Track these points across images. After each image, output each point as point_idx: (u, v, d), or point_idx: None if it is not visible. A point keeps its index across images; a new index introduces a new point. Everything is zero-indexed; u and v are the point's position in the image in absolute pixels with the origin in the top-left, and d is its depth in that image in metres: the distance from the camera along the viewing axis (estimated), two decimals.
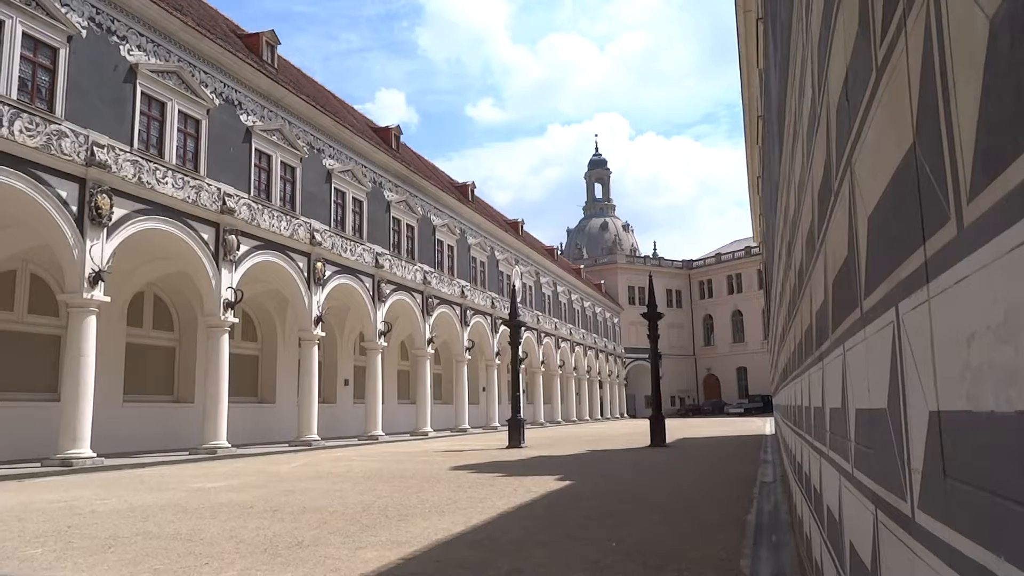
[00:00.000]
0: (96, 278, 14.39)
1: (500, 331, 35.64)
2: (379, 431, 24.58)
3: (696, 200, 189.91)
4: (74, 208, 14.28)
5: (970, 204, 0.93)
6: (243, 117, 19.61)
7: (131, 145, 15.87)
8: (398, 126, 30.25)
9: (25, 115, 13.58)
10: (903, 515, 1.34)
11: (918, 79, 1.12)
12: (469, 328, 32.89)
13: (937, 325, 1.09)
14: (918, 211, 1.15)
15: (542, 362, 43.43)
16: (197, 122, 18.00)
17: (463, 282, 32.77)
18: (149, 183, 16.15)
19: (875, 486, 1.66)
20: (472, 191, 37.32)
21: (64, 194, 14.12)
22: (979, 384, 0.91)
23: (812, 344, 3.50)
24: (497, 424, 34.62)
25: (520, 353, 23.50)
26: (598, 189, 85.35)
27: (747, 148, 23.59)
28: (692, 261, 74.65)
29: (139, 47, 16.34)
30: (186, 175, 17.27)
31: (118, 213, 15.18)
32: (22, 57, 13.77)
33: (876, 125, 1.45)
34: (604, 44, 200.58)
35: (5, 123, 13.18)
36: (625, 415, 63.68)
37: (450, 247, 32.13)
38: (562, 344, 48.16)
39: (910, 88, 1.16)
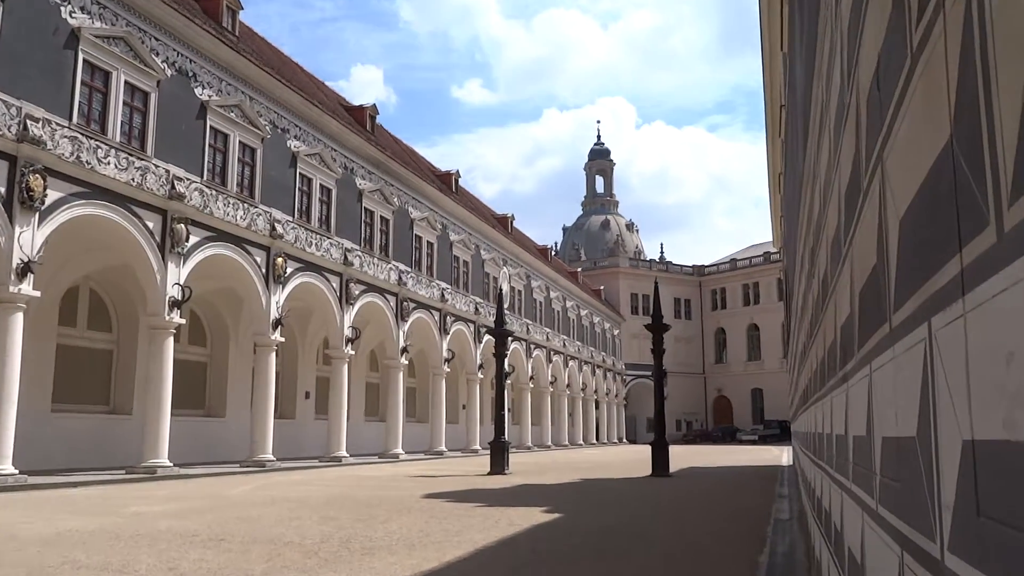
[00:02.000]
0: (25, 269, 14.27)
1: (484, 341, 35.64)
2: (343, 452, 24.49)
3: (709, 198, 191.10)
4: (1, 189, 14.16)
5: (1012, 208, 0.93)
6: (198, 91, 19.53)
7: (70, 119, 15.76)
8: (374, 105, 30.26)
9: None
10: (931, 558, 1.34)
11: (956, 66, 1.13)
12: (449, 337, 32.88)
13: (973, 343, 1.09)
14: (954, 214, 1.16)
15: (531, 377, 43.47)
16: (145, 95, 17.90)
17: (443, 284, 32.78)
18: (89, 163, 16.04)
19: (901, 524, 1.67)
20: (456, 181, 37.38)
21: None
22: (1019, 410, 0.92)
23: (835, 363, 3.52)
24: (478, 447, 34.60)
25: (506, 367, 23.50)
26: (599, 182, 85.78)
27: (768, 141, 23.75)
28: (704, 267, 75.09)
29: (82, 8, 16.24)
30: (131, 154, 17.17)
31: (52, 196, 15.06)
32: None
33: (910, 117, 1.46)
34: (607, 22, 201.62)
35: None
36: (624, 440, 63.81)
37: (429, 244, 32.13)
38: (554, 357, 48.24)
39: (948, 76, 1.17)
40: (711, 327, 71.95)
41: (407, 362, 29.93)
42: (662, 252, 79.83)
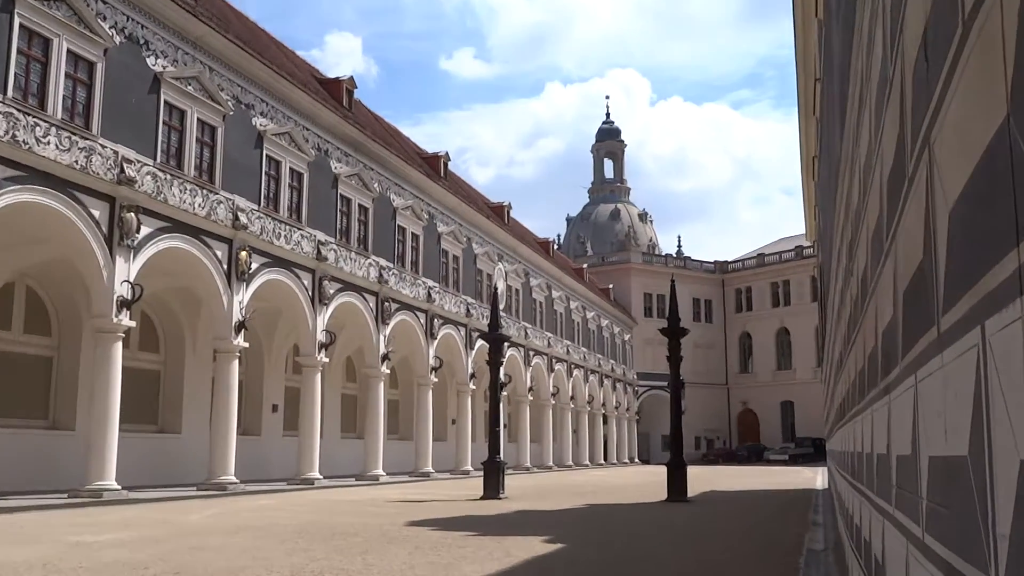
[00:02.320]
0: None
1: (477, 347, 35.68)
2: (316, 473, 24.51)
3: (733, 185, 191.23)
4: None
5: None
6: (150, 60, 19.52)
7: (4, 93, 15.74)
8: (351, 78, 30.26)
9: None
10: None
11: (1014, 35, 1.13)
12: (436, 342, 32.92)
13: None
14: (1011, 204, 1.17)
15: (530, 388, 43.54)
16: (90, 65, 17.88)
17: (430, 282, 32.82)
18: (26, 143, 16.02)
19: (951, 556, 1.67)
20: (445, 165, 37.43)
21: None
22: None
23: (876, 373, 3.53)
24: (470, 468, 34.63)
25: (502, 376, 23.51)
26: (608, 166, 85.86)
27: (801, 120, 23.78)
28: (727, 263, 75.24)
29: None
30: (74, 133, 17.15)
31: None
32: None
33: (961, 93, 1.47)
34: None
35: None
36: (636, 460, 63.92)
37: (414, 236, 32.16)
38: (556, 366, 48.31)
39: (1004, 47, 1.18)
40: (735, 331, 72.12)
41: (388, 371, 29.93)
42: (679, 246, 79.60)
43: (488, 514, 15.66)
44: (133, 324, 18.63)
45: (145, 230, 18.66)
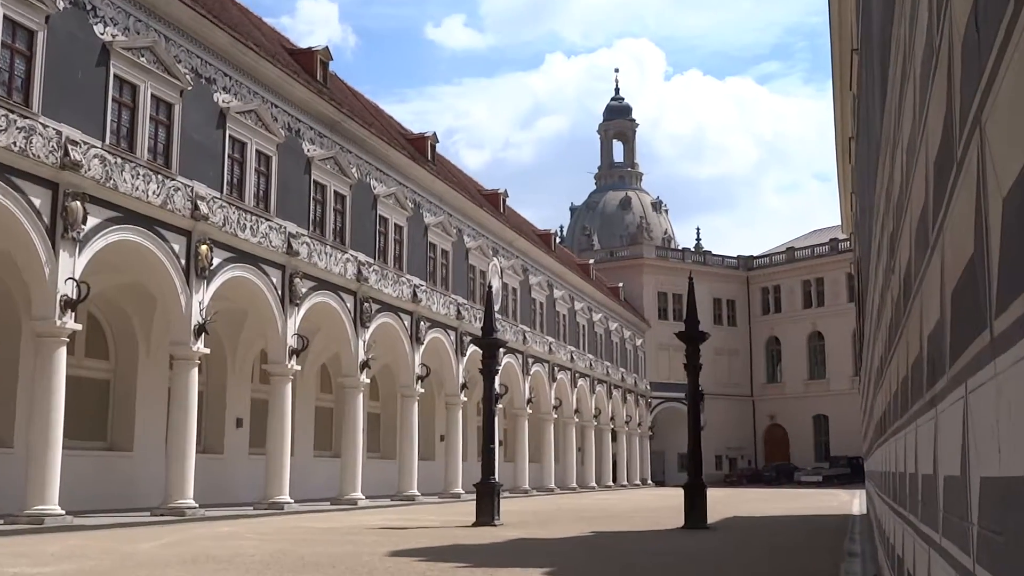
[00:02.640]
0: None
1: (469, 353, 35.72)
2: (286, 496, 24.52)
3: (760, 170, 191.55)
4: None
5: None
6: (98, 28, 19.49)
7: None
8: (326, 49, 30.25)
9: None
10: None
11: None
12: (423, 348, 32.94)
13: None
14: None
15: (529, 400, 43.61)
16: (31, 34, 17.85)
17: (416, 280, 32.85)
18: None
19: None
20: (433, 147, 37.46)
21: None
22: None
23: (921, 383, 3.54)
24: (460, 491, 34.66)
25: (497, 387, 23.52)
26: (618, 149, 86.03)
27: (836, 96, 23.83)
28: (752, 258, 75.38)
29: None
30: (12, 111, 17.12)
31: None
32: None
33: (1016, 67, 1.47)
34: None
35: None
36: (649, 481, 64.04)
37: (398, 227, 32.19)
38: (559, 375, 48.39)
39: None
40: (761, 336, 72.26)
41: (368, 380, 29.91)
42: (698, 239, 79.80)
43: (481, 543, 15.67)
44: (79, 327, 18.60)
45: (92, 220, 18.63)
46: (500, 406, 37.33)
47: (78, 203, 18.22)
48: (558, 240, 59.83)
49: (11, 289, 19.84)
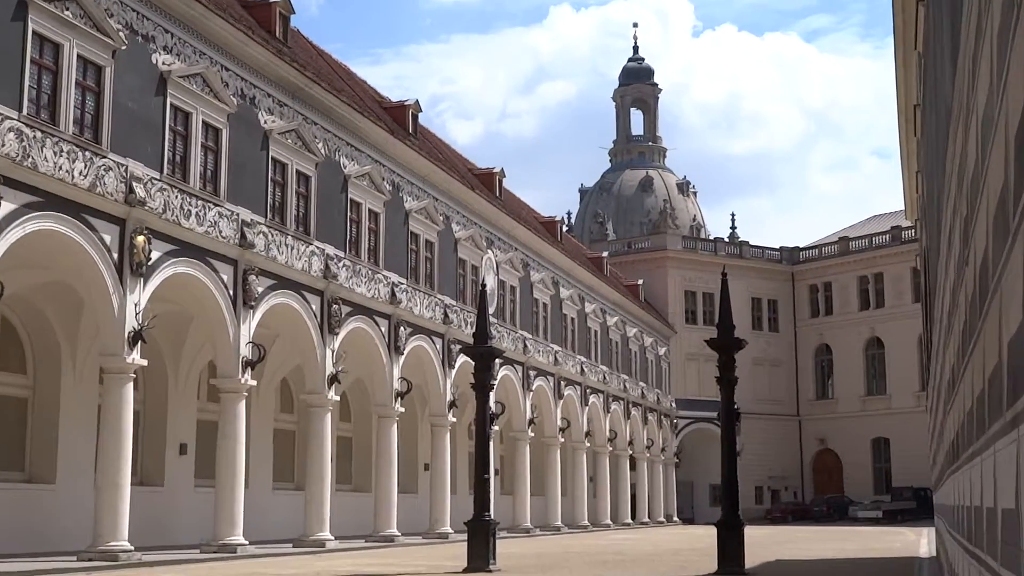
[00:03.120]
0: None
1: (458, 365, 35.73)
2: (239, 537, 24.50)
3: (806, 144, 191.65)
4: None
5: None
6: None
7: None
8: (286, 1, 30.21)
9: None
10: None
11: None
12: (403, 358, 32.95)
13: None
14: None
15: (531, 422, 43.63)
16: None
17: (394, 277, 32.84)
18: None
19: None
20: (415, 118, 37.46)
21: None
22: None
23: (1000, 399, 3.55)
24: (449, 530, 34.69)
25: (493, 405, 23.55)
26: (637, 120, 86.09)
27: (898, 56, 23.83)
28: (798, 250, 75.49)
29: None
30: None
31: None
32: None
33: None
34: None
35: None
36: (676, 518, 64.10)
37: (373, 214, 32.18)
38: (566, 390, 48.44)
39: None
40: (809, 343, 72.34)
41: (338, 398, 29.88)
42: (733, 226, 79.86)
43: None
44: None
45: (7, 206, 18.60)
46: (496, 428, 37.22)
47: None
48: (565, 229, 59.93)
49: None
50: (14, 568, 18.37)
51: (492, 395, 22.62)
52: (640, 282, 65.62)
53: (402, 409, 32.76)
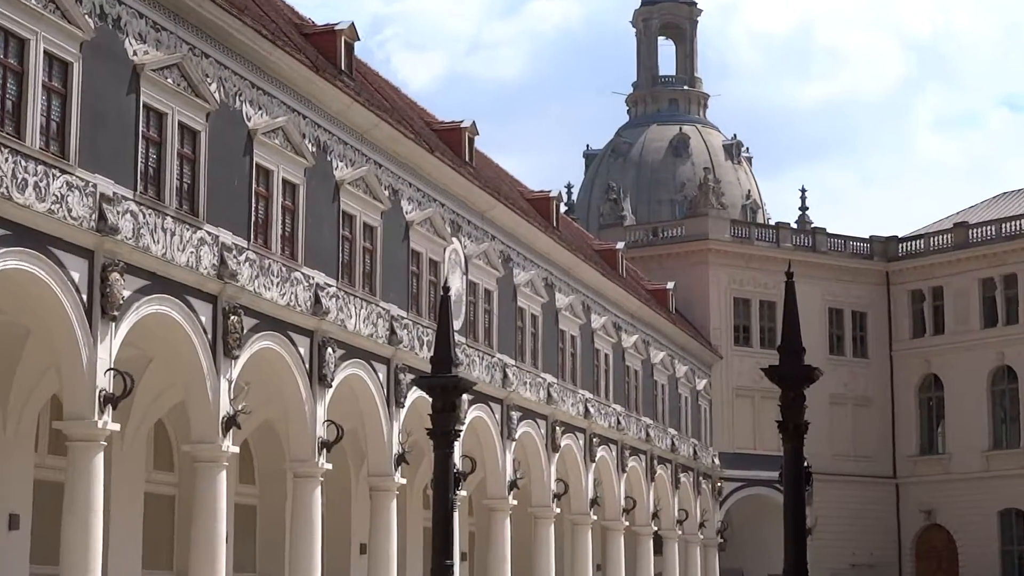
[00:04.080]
0: None
1: (410, 402, 35.79)
2: None
3: (908, 92, 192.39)
4: None
5: None
6: None
7: None
8: None
9: None
10: None
11: None
12: (332, 392, 32.86)
13: None
14: None
15: (513, 484, 43.62)
16: None
17: (319, 276, 32.70)
18: None
19: None
20: (348, 49, 37.21)
21: None
22: None
23: None
24: None
25: (458, 461, 23.56)
26: (666, 54, 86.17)
27: None
28: (896, 241, 75.24)
29: None
30: None
31: None
32: None
33: None
34: None
35: None
36: None
37: (289, 185, 31.86)
38: (564, 440, 48.41)
39: None
40: (911, 373, 72.28)
41: (237, 449, 29.80)
42: (804, 207, 79.86)
43: None
44: None
45: None
46: (463, 493, 37.13)
47: None
48: (564, 209, 60.03)
49: None
50: None
51: (458, 446, 22.60)
52: (670, 285, 65.60)
53: (329, 466, 32.65)
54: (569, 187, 79.53)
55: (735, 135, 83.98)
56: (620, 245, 62.40)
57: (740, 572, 68.34)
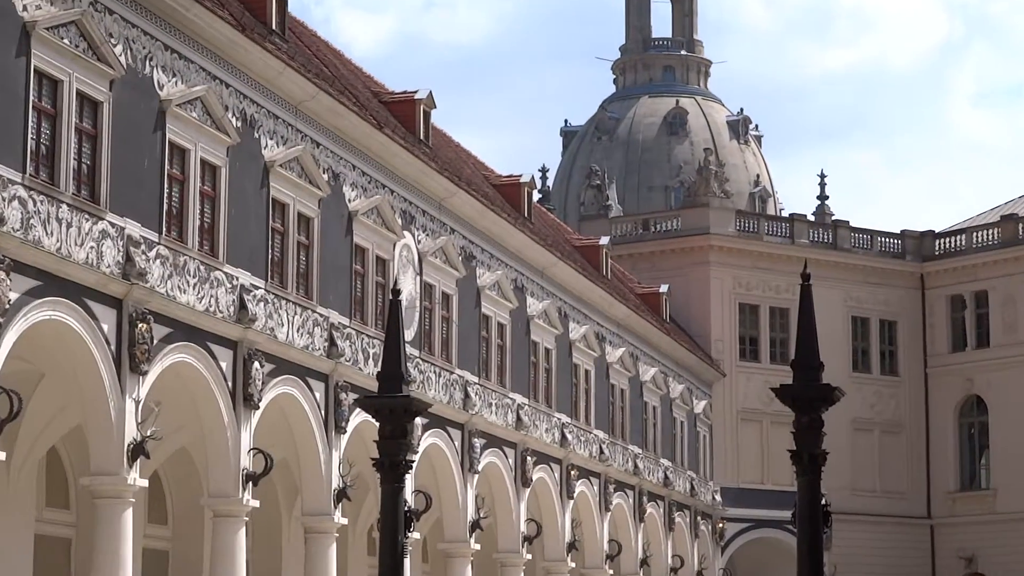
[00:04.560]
0: None
1: (352, 427, 35.93)
2: None
3: (946, 60, 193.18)
4: None
5: None
6: None
7: None
8: None
9: None
10: None
11: None
12: (259, 415, 32.88)
13: None
14: None
15: (476, 526, 43.68)
16: None
17: (243, 275, 32.70)
18: None
19: None
20: (279, 5, 37.23)
21: None
22: None
23: None
24: None
25: (410, 497, 23.66)
26: (660, 13, 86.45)
27: None
28: (932, 236, 75.53)
29: None
30: None
31: None
32: None
33: None
34: None
35: None
36: None
37: (208, 167, 31.92)
38: (536, 473, 48.55)
39: None
40: (948, 395, 72.60)
41: (146, 483, 29.80)
42: (823, 196, 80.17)
43: None
44: None
45: None
46: (416, 536, 37.20)
47: None
48: (537, 197, 60.15)
49: None
50: None
51: (410, 480, 22.74)
52: (664, 288, 65.82)
53: (255, 503, 32.75)
54: (544, 171, 80.00)
55: (741, 109, 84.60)
56: (604, 240, 62.48)
57: None
